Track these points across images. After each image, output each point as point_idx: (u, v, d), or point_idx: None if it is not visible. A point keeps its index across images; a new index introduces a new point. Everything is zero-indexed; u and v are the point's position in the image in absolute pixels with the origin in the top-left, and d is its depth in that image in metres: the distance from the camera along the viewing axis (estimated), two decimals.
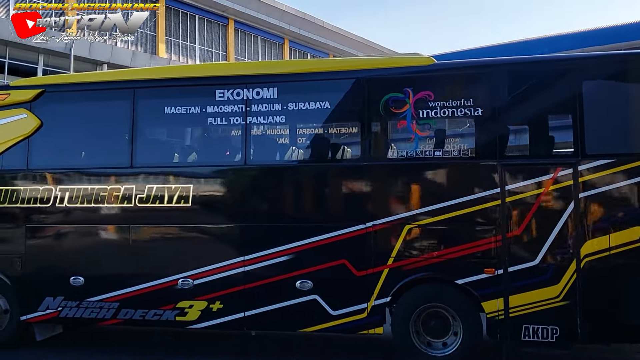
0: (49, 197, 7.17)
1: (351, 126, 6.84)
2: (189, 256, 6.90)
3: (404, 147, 6.53)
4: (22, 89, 7.47)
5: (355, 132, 6.80)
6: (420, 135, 6.47)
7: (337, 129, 6.91)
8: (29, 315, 7.26)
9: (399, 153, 6.56)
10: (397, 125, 6.58)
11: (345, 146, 6.92)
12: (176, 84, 7.12)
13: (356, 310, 6.47)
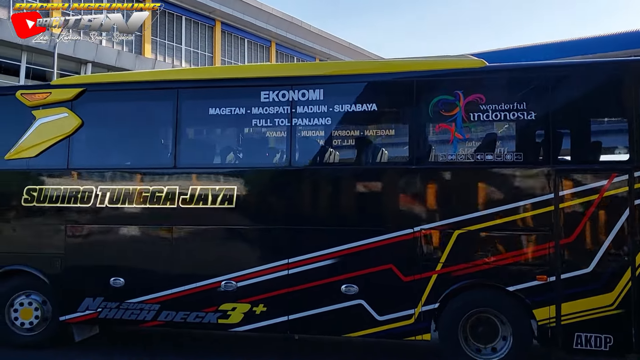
0: (90, 197, 7.11)
1: (399, 128, 6.76)
2: (232, 258, 6.84)
3: (454, 151, 6.41)
4: (63, 88, 7.41)
5: (402, 134, 6.71)
6: (471, 139, 6.37)
7: (384, 131, 6.84)
8: (69, 315, 7.21)
9: (449, 157, 6.45)
10: (447, 128, 6.46)
11: (392, 149, 6.83)
12: (221, 85, 7.04)
13: (403, 316, 6.38)
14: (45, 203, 7.24)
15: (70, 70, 22.21)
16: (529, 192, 6.14)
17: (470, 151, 6.38)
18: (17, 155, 7.37)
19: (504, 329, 6.27)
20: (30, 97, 7.43)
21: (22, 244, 7.40)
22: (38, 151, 7.32)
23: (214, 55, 29.12)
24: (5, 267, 7.38)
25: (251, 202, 6.84)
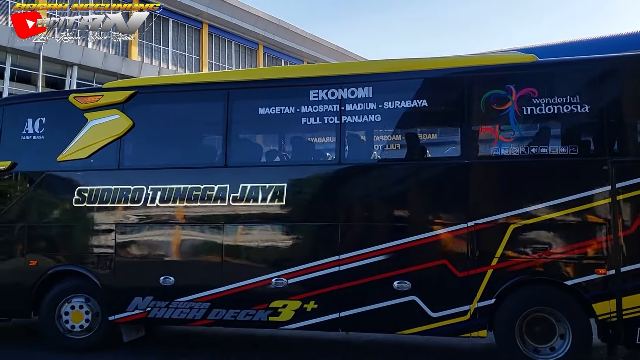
0: (140, 197, 7.18)
1: (450, 124, 6.77)
2: (282, 255, 6.83)
3: (506, 145, 6.39)
4: (114, 91, 7.57)
5: (454, 129, 6.71)
6: (524, 133, 6.35)
7: (435, 126, 6.84)
8: (118, 315, 7.22)
9: (502, 150, 6.42)
10: (499, 122, 6.45)
11: (444, 144, 6.83)
12: (270, 85, 7.14)
13: (458, 312, 6.29)
14: (96, 203, 7.34)
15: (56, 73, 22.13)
16: (586, 185, 6.07)
17: (523, 145, 6.33)
18: (70, 156, 7.50)
19: (562, 327, 6.13)
20: (82, 100, 7.59)
21: (73, 245, 7.48)
22: (89, 152, 7.45)
23: (201, 57, 28.88)
24: (56, 268, 7.45)
25: (301, 199, 6.86)
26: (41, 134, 7.70)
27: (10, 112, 7.98)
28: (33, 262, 7.49)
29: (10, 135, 7.85)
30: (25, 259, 7.50)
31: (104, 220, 7.33)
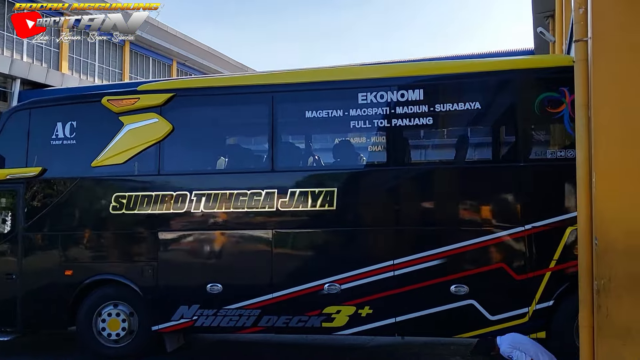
0: (184, 202, 6.99)
1: (503, 126, 6.74)
2: (335, 260, 6.74)
3: (562, 147, 6.40)
4: (151, 93, 7.32)
5: (508, 132, 6.70)
6: None
7: (488, 129, 6.81)
8: (162, 325, 7.05)
9: (558, 153, 6.44)
10: (553, 124, 6.47)
11: (498, 147, 6.80)
12: (317, 88, 7.01)
13: (517, 315, 6.31)
14: (136, 210, 7.12)
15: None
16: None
17: None
18: (105, 162, 7.26)
19: None
20: (117, 104, 7.33)
21: (110, 253, 7.29)
22: (127, 157, 7.22)
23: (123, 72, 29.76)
24: (93, 277, 7.24)
25: (352, 203, 6.77)
26: (72, 138, 7.43)
27: (38, 115, 7.69)
28: (69, 271, 7.26)
29: (38, 140, 7.57)
30: (60, 268, 7.25)
31: (144, 227, 7.13)
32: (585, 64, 5.20)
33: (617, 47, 4.90)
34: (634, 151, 4.84)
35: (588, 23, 5.08)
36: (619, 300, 4.82)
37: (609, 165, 4.92)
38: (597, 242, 4.94)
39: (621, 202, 4.85)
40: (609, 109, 4.95)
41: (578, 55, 5.28)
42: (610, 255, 4.86)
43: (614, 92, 4.94)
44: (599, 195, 4.95)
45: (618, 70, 4.91)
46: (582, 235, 5.19)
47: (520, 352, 5.79)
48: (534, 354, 5.76)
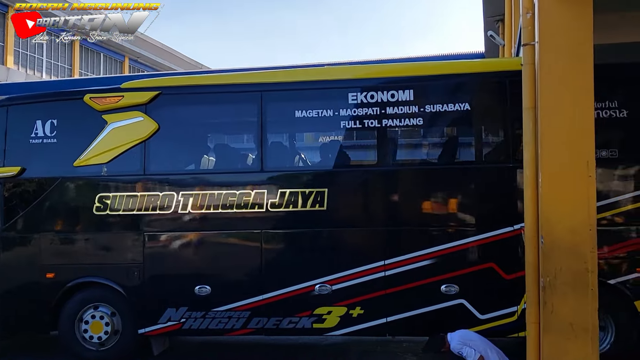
0: (170, 204, 6.86)
1: (494, 127, 6.80)
2: (325, 261, 6.72)
3: None
4: (136, 91, 7.14)
5: (497, 133, 6.77)
6: None
7: (478, 130, 6.86)
8: (149, 328, 6.91)
9: None
10: None
11: (487, 147, 6.88)
12: (307, 87, 6.95)
13: (506, 313, 6.41)
14: (120, 211, 6.95)
15: None
16: (627, 187, 6.29)
17: None
18: (88, 161, 7.06)
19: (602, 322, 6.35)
20: (100, 101, 7.13)
21: (94, 255, 7.09)
22: (111, 157, 7.03)
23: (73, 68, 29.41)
24: (76, 280, 7.04)
25: (344, 204, 6.75)
26: (53, 137, 7.20)
27: (16, 113, 7.42)
28: (50, 274, 7.04)
29: (16, 139, 7.31)
30: (41, 270, 7.04)
31: (130, 228, 6.97)
32: (532, 68, 5.36)
33: (563, 50, 5.06)
34: (578, 153, 5.02)
35: (535, 27, 5.24)
36: (563, 296, 5.03)
37: (554, 166, 5.10)
38: (543, 241, 5.13)
39: (566, 201, 5.04)
40: (554, 112, 5.11)
41: (526, 59, 5.43)
42: (556, 253, 5.06)
43: (560, 95, 5.10)
44: (545, 195, 5.14)
45: (563, 73, 5.07)
46: (528, 234, 5.37)
47: (470, 348, 5.88)
48: (483, 350, 5.87)
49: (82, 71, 30.26)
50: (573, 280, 5.01)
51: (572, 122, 5.05)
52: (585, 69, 5.02)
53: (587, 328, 4.98)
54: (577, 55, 5.01)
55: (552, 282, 5.06)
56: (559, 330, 5.03)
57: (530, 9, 5.35)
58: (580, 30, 5.00)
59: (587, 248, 4.99)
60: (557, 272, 5.04)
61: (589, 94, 5.05)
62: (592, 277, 5.00)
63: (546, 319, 5.10)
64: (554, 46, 5.07)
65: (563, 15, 5.02)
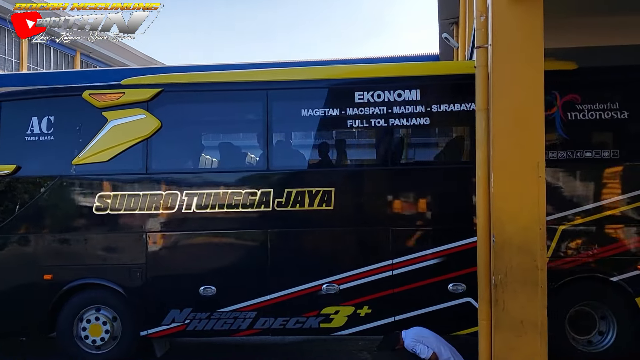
0: (174, 203, 6.74)
1: None
2: (332, 260, 6.71)
3: (553, 149, 6.59)
4: (137, 88, 6.97)
5: None
6: (570, 137, 6.59)
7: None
8: (152, 329, 6.79)
9: (550, 154, 6.60)
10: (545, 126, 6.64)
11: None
12: (314, 86, 6.91)
13: None
14: (122, 211, 6.80)
15: None
16: (628, 186, 6.44)
17: (568, 149, 6.58)
18: (87, 160, 6.88)
19: (603, 323, 6.51)
20: (100, 98, 6.96)
21: (93, 256, 6.90)
22: (111, 155, 6.86)
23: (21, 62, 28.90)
24: (75, 281, 6.86)
25: (351, 203, 6.75)
26: (50, 134, 6.99)
27: (10, 109, 7.17)
28: (47, 275, 6.84)
29: (10, 136, 7.08)
30: (38, 272, 6.83)
31: (132, 228, 6.82)
32: (485, 70, 5.48)
33: (515, 53, 5.20)
34: (528, 153, 5.18)
35: (489, 30, 5.35)
36: (514, 294, 5.19)
37: (506, 166, 5.25)
38: (495, 240, 5.27)
39: (517, 201, 5.21)
40: (506, 113, 5.27)
41: (479, 61, 5.56)
42: (507, 251, 5.22)
43: (511, 97, 5.25)
44: (496, 195, 5.29)
45: (515, 75, 5.21)
46: (480, 232, 5.53)
47: (423, 345, 6.01)
48: (436, 347, 6.00)
49: (31, 65, 29.47)
50: (523, 278, 5.17)
51: (523, 124, 5.20)
52: (536, 71, 5.17)
53: (537, 324, 5.15)
54: (528, 58, 5.16)
55: (503, 280, 5.21)
56: (510, 327, 5.18)
57: (484, 12, 5.48)
58: (532, 34, 5.14)
59: (537, 246, 5.16)
60: (508, 270, 5.20)
61: (539, 96, 5.21)
62: (542, 275, 5.17)
63: (497, 316, 5.24)
64: (506, 49, 5.20)
65: (515, 18, 5.16)
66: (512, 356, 5.16)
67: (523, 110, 5.18)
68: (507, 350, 5.18)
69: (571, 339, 6.52)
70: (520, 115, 5.19)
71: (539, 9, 5.12)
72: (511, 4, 5.13)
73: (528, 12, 5.11)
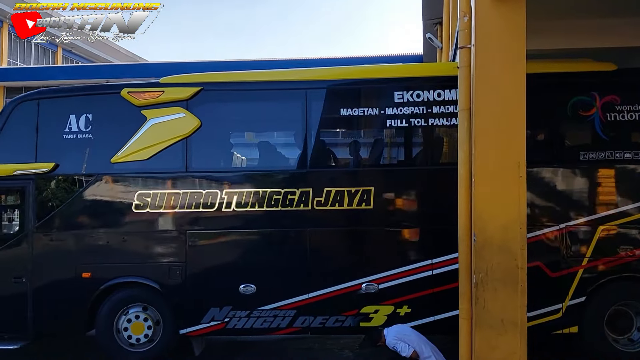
0: (214, 202, 6.76)
1: (536, 128, 6.89)
2: (372, 259, 6.73)
3: (592, 149, 6.63)
4: (177, 87, 6.99)
5: (542, 133, 6.87)
6: (609, 137, 6.62)
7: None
8: (191, 328, 6.81)
9: (589, 155, 6.66)
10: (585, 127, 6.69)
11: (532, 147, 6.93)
12: (353, 86, 6.93)
13: (551, 310, 6.54)
14: (161, 209, 6.81)
15: None
16: None
17: (608, 149, 6.60)
18: (126, 158, 6.89)
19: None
20: (138, 96, 6.97)
21: (133, 254, 6.92)
22: (151, 153, 6.88)
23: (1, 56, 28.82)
24: (114, 280, 6.87)
25: (390, 202, 6.77)
26: (88, 132, 7.00)
27: (48, 106, 7.19)
28: (86, 274, 6.85)
29: (48, 133, 7.08)
30: (76, 270, 6.84)
31: (172, 227, 6.84)
32: (468, 70, 5.50)
33: (497, 54, 5.21)
34: (510, 153, 5.20)
35: (472, 31, 5.36)
36: (494, 292, 5.22)
37: (487, 166, 5.26)
38: (476, 238, 5.29)
39: (497, 200, 5.22)
40: (488, 113, 5.27)
41: (462, 62, 5.58)
42: (487, 250, 5.24)
43: (493, 97, 5.26)
44: (477, 194, 5.30)
45: (497, 76, 5.22)
46: (462, 231, 5.55)
47: (405, 343, 6.06)
48: (417, 346, 6.05)
49: (11, 60, 29.27)
50: (503, 277, 5.20)
51: (504, 124, 5.22)
52: (518, 72, 5.19)
53: (517, 323, 5.18)
54: (511, 58, 5.18)
55: (483, 279, 5.23)
56: (490, 326, 5.21)
57: (468, 12, 5.50)
58: (514, 35, 5.17)
59: (518, 245, 5.19)
60: (489, 268, 5.21)
61: (521, 97, 5.23)
62: (522, 274, 5.20)
63: (478, 315, 5.27)
64: (488, 49, 5.22)
65: (498, 19, 5.17)
66: (492, 354, 5.18)
67: (505, 111, 5.18)
68: (487, 348, 5.20)
69: (612, 340, 6.56)
70: (501, 115, 5.19)
71: (522, 9, 5.14)
72: (494, 4, 5.13)
73: (511, 13, 5.12)
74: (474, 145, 5.27)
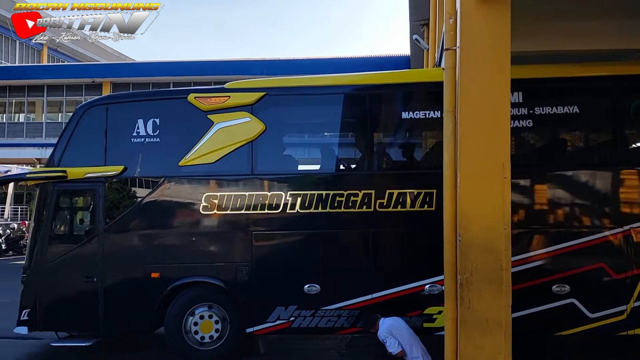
0: (279, 203, 6.92)
1: (599, 130, 6.93)
2: (435, 261, 6.75)
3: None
4: (242, 92, 7.18)
5: (605, 136, 6.90)
6: None
7: (586, 132, 6.99)
8: (257, 327, 6.97)
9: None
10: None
11: (595, 150, 7.00)
12: (414, 89, 7.05)
13: (615, 312, 6.55)
14: (228, 211, 7.00)
15: None
16: None
17: None
18: (194, 161, 7.09)
19: None
20: (205, 101, 7.16)
21: (200, 255, 7.11)
22: (218, 157, 7.07)
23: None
24: (183, 279, 7.07)
25: None
26: (156, 136, 7.21)
27: (116, 111, 7.43)
28: (155, 274, 7.06)
29: (117, 137, 7.31)
30: (145, 270, 7.05)
31: (238, 228, 7.01)
32: (453, 72, 5.54)
33: (482, 56, 5.24)
34: (494, 155, 5.22)
35: (457, 33, 5.40)
36: (479, 293, 5.24)
37: (472, 167, 5.30)
38: (461, 239, 5.33)
39: (482, 201, 5.25)
40: (472, 115, 5.31)
41: (447, 64, 5.62)
42: (472, 251, 5.27)
43: (478, 98, 5.29)
44: (462, 195, 5.34)
45: (482, 78, 5.26)
46: (447, 231, 5.60)
47: (395, 339, 6.10)
48: (408, 345, 6.08)
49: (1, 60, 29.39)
50: (488, 277, 5.22)
51: (489, 126, 5.25)
52: (502, 74, 5.22)
53: (501, 323, 5.21)
54: (496, 61, 5.21)
55: (468, 279, 5.27)
56: (475, 326, 5.24)
57: (453, 14, 5.55)
58: (499, 37, 5.20)
59: (502, 246, 5.21)
60: (474, 269, 5.25)
61: (505, 99, 5.26)
62: (506, 274, 5.23)
63: (463, 315, 5.31)
64: (473, 51, 5.27)
65: (483, 21, 5.21)
66: (477, 354, 5.22)
67: (489, 112, 5.22)
68: (472, 348, 5.24)
69: None
70: (486, 117, 5.22)
71: (507, 12, 5.18)
72: (480, 7, 5.17)
73: (496, 16, 5.15)
74: (459, 146, 5.35)
